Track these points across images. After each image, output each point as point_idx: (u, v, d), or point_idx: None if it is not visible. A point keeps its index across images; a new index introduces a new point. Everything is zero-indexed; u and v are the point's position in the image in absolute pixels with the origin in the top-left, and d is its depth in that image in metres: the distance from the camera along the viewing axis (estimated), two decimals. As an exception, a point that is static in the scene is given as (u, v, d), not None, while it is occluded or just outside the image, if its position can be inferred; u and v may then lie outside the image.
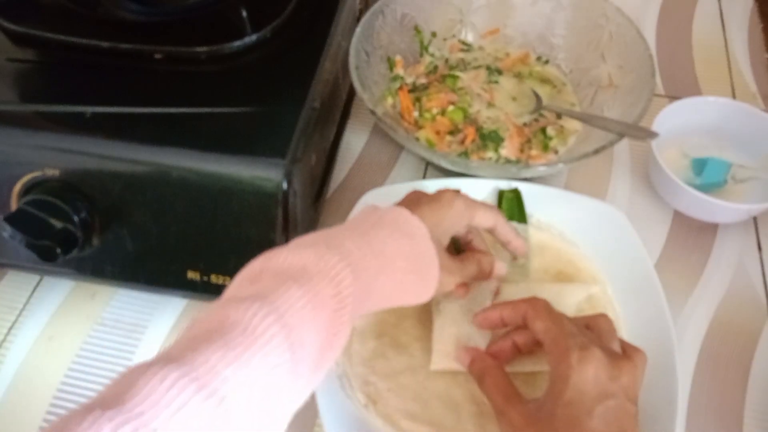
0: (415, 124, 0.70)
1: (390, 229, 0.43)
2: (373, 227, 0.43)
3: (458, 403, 0.50)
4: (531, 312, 0.45)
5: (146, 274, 0.54)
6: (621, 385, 0.41)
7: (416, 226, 0.45)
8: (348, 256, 0.39)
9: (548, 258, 0.59)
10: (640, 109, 0.62)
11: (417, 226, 0.45)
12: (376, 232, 0.42)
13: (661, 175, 0.63)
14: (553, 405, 0.41)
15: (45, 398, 0.55)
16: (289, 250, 0.39)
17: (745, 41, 0.85)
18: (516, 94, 0.73)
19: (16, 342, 0.58)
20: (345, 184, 0.69)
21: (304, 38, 0.61)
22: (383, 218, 0.44)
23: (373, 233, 0.42)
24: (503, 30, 0.78)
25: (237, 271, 0.52)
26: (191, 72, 0.57)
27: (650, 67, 0.65)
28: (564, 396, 0.40)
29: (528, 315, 0.45)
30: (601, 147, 0.59)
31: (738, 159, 0.67)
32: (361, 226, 0.43)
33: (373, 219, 0.44)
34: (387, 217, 0.44)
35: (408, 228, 0.44)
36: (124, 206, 0.52)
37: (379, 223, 0.43)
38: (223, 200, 0.50)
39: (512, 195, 0.61)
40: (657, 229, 0.65)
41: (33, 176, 0.51)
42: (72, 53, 0.58)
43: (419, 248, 0.44)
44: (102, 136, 0.51)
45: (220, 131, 0.52)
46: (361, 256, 0.40)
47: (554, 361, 0.42)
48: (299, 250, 0.39)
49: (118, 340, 0.58)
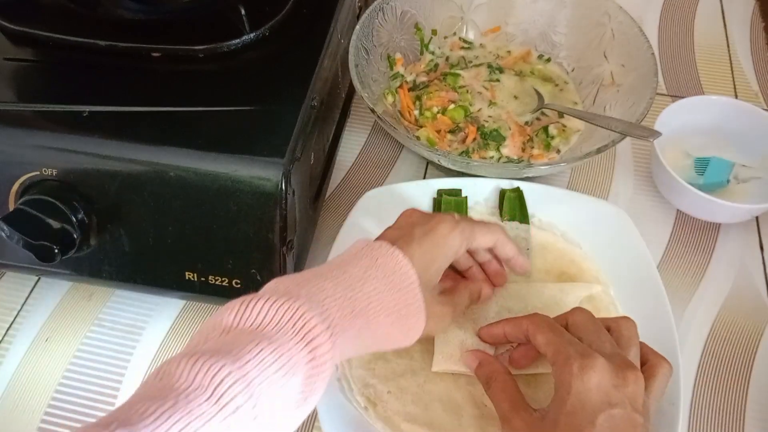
0: (415, 122, 0.70)
1: (378, 280, 0.42)
2: (360, 280, 0.41)
3: (459, 405, 0.50)
4: (532, 327, 0.45)
5: (144, 275, 0.54)
6: (626, 394, 0.40)
7: (406, 276, 0.43)
8: (328, 317, 0.38)
9: (550, 258, 0.58)
10: (643, 108, 0.62)
11: (407, 275, 0.43)
12: (362, 286, 0.41)
13: (664, 174, 0.63)
14: (556, 414, 0.40)
15: (42, 399, 0.54)
16: (267, 301, 0.37)
17: (747, 40, 0.84)
18: (517, 93, 0.73)
19: (14, 343, 0.58)
20: (344, 184, 0.69)
21: (303, 36, 0.61)
22: (373, 266, 0.42)
23: (359, 287, 0.41)
24: (504, 28, 0.78)
25: (235, 272, 0.52)
26: (189, 71, 0.57)
27: (652, 66, 0.65)
28: (566, 404, 0.40)
29: (529, 330, 0.45)
30: (604, 146, 0.59)
31: (740, 158, 0.66)
32: (347, 273, 0.41)
33: (363, 264, 0.42)
34: (378, 264, 0.42)
35: (397, 279, 0.42)
36: (121, 206, 0.51)
37: (366, 274, 0.42)
38: (221, 200, 0.49)
39: (514, 194, 0.61)
40: (659, 229, 0.65)
41: (31, 176, 0.51)
42: (70, 52, 0.58)
43: (406, 300, 0.43)
44: (100, 135, 0.51)
45: (218, 130, 0.51)
46: (342, 316, 0.39)
47: (557, 371, 0.42)
48: (278, 302, 0.37)
49: (116, 341, 0.58)
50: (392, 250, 0.43)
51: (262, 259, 0.51)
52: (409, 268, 0.43)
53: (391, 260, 0.43)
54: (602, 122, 0.64)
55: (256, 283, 0.52)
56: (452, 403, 0.49)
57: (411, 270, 0.43)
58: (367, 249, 0.43)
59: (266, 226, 0.50)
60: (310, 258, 0.61)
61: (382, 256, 0.43)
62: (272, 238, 0.50)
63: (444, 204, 0.60)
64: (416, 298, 0.43)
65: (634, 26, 0.69)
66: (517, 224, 0.60)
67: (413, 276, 0.43)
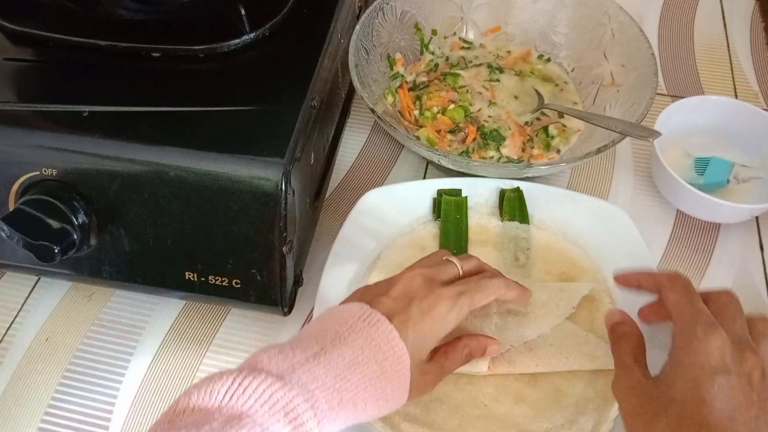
0: (415, 122, 0.70)
1: (369, 366, 0.41)
2: (351, 366, 0.40)
3: (459, 405, 0.50)
4: (667, 284, 0.45)
5: (144, 275, 0.54)
6: (744, 369, 0.40)
7: (399, 360, 0.42)
8: (318, 408, 0.38)
9: (550, 258, 0.58)
10: (643, 108, 0.62)
11: (400, 359, 0.42)
12: (352, 375, 0.40)
13: (664, 174, 0.63)
14: (673, 370, 0.41)
15: (42, 399, 0.54)
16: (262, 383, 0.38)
17: (747, 40, 0.84)
18: (517, 93, 0.73)
19: (14, 343, 0.57)
20: (344, 184, 0.69)
21: (303, 36, 0.61)
22: (368, 347, 0.42)
23: (349, 376, 0.40)
24: (504, 28, 0.78)
25: (235, 271, 0.52)
26: (189, 71, 0.57)
27: (652, 66, 0.65)
28: (685, 362, 0.40)
29: (664, 286, 0.45)
30: (604, 146, 0.59)
31: (740, 158, 0.66)
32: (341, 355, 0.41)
33: (359, 344, 0.41)
34: (372, 345, 0.42)
35: (389, 364, 0.42)
36: (121, 206, 0.51)
37: (359, 359, 0.41)
38: (221, 200, 0.49)
39: (514, 194, 0.61)
40: (660, 229, 0.65)
41: (31, 176, 0.51)
42: (70, 52, 0.58)
43: (394, 385, 0.42)
44: (100, 135, 0.50)
45: (218, 130, 0.51)
46: (330, 408, 0.39)
47: (678, 332, 0.42)
48: (272, 387, 0.38)
49: (116, 341, 0.58)
50: (389, 332, 0.42)
51: (261, 259, 0.51)
52: (403, 353, 0.42)
53: (386, 343, 0.42)
54: (602, 122, 0.64)
55: (255, 282, 0.52)
56: (453, 404, 0.49)
57: (405, 355, 0.43)
58: (364, 325, 0.42)
59: (266, 226, 0.50)
60: (311, 258, 0.61)
61: (378, 337, 0.42)
62: (272, 238, 0.50)
63: (444, 204, 0.61)
64: (405, 380, 0.43)
65: (634, 26, 0.69)
66: (517, 224, 0.60)
67: (406, 361, 0.43)
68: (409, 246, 0.59)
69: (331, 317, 0.44)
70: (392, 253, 0.59)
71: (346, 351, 0.41)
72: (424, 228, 0.61)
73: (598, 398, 0.51)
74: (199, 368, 0.56)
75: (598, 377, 0.51)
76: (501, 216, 0.61)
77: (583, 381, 0.51)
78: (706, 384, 0.39)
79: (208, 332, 0.58)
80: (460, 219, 0.60)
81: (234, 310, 0.59)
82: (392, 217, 0.60)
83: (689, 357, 0.40)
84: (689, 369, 0.40)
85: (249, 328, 0.58)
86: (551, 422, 0.50)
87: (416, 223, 0.61)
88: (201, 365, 0.56)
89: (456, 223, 0.60)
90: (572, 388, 0.51)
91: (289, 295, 0.54)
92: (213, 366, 0.56)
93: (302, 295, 0.58)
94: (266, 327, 0.58)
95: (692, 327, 0.41)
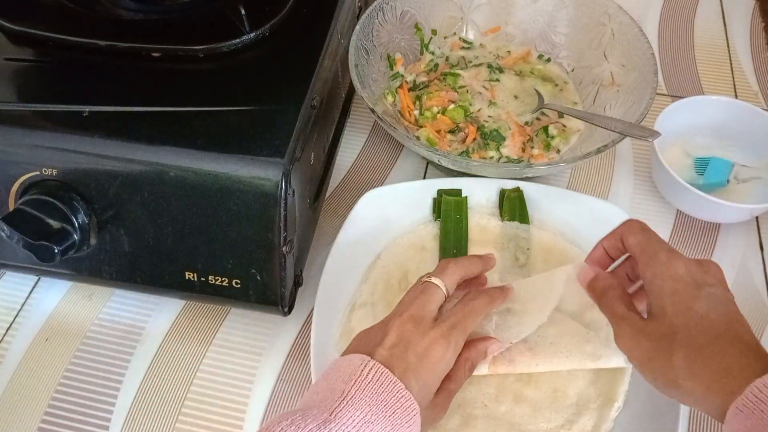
0: (415, 122, 0.70)
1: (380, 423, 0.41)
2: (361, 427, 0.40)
3: (460, 405, 0.50)
4: (625, 231, 0.47)
5: (143, 275, 0.54)
6: (714, 276, 0.42)
7: (408, 411, 0.42)
8: None
9: (550, 258, 0.58)
10: (643, 108, 0.62)
11: (409, 410, 0.42)
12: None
13: (664, 174, 0.63)
14: (659, 303, 0.42)
15: (43, 399, 0.54)
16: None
17: (747, 40, 0.85)
18: (517, 93, 0.73)
19: (14, 343, 0.58)
20: (344, 184, 0.69)
21: (303, 36, 0.61)
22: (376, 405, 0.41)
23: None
24: (504, 28, 0.78)
25: (235, 271, 0.52)
26: (189, 71, 0.57)
27: (652, 66, 0.65)
28: (665, 289, 0.42)
29: (623, 234, 0.47)
30: (604, 146, 0.59)
31: (740, 158, 0.66)
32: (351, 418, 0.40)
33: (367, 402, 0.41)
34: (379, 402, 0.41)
35: (398, 416, 0.41)
36: (121, 206, 0.51)
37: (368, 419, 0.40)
38: (221, 200, 0.49)
39: (514, 194, 0.61)
40: (659, 229, 0.64)
41: (31, 176, 0.51)
42: (70, 52, 0.58)
43: None
44: (100, 135, 0.51)
45: (218, 130, 0.51)
46: None
47: (645, 267, 0.44)
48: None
49: (116, 341, 0.58)
50: (394, 385, 0.42)
51: (262, 259, 0.51)
52: (411, 403, 0.42)
53: (392, 396, 0.42)
54: (601, 122, 0.64)
55: (255, 282, 0.52)
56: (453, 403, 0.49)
57: (413, 404, 0.42)
58: (369, 381, 0.42)
59: (266, 226, 0.50)
60: (310, 258, 0.61)
61: (384, 392, 0.42)
62: (272, 238, 0.50)
63: (444, 204, 0.61)
64: (416, 427, 0.43)
65: (634, 26, 0.69)
66: (517, 224, 0.60)
67: (415, 410, 0.42)
68: (409, 246, 0.60)
69: (337, 372, 0.43)
70: (392, 253, 0.59)
71: (355, 413, 0.40)
72: (424, 228, 0.61)
73: (599, 398, 0.51)
74: (199, 368, 0.56)
75: (598, 377, 0.52)
76: (501, 216, 0.61)
77: (583, 380, 0.51)
78: (695, 302, 0.41)
79: (208, 332, 0.58)
80: (460, 219, 0.60)
81: (234, 310, 0.59)
82: (392, 217, 0.60)
83: (667, 285, 0.42)
84: (674, 296, 0.41)
85: (249, 328, 0.58)
86: (551, 422, 0.50)
87: (416, 223, 0.61)
88: (201, 365, 0.56)
89: (456, 223, 0.60)
90: (572, 387, 0.51)
91: (289, 295, 0.54)
92: (213, 366, 0.56)
93: (302, 295, 0.58)
94: (266, 327, 0.58)
95: (655, 258, 0.43)
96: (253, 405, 0.54)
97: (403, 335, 0.45)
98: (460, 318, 0.47)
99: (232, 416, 0.54)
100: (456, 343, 0.46)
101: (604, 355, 0.51)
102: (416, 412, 0.42)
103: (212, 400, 0.54)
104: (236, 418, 0.53)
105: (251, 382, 0.55)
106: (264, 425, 0.40)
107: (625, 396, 0.51)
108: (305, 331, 0.58)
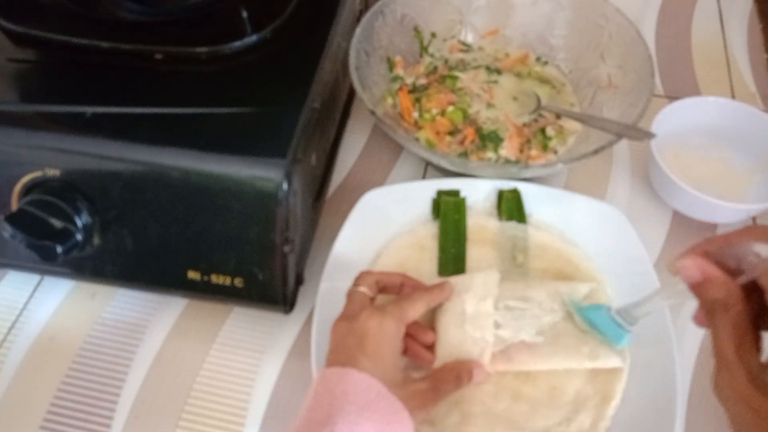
0: (414, 124, 0.70)
1: (358, 414, 0.41)
2: None
3: (458, 402, 0.50)
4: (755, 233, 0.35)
5: (146, 274, 0.54)
6: None
7: (369, 389, 0.43)
8: None
9: (547, 258, 0.59)
10: (640, 110, 0.62)
11: (370, 387, 0.43)
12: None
13: (661, 175, 0.63)
14: None
15: (45, 398, 0.55)
16: None
17: (745, 41, 0.85)
18: (516, 95, 0.73)
19: (17, 342, 0.58)
20: (345, 184, 0.69)
21: (304, 39, 0.61)
22: (340, 394, 0.42)
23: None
24: (503, 30, 0.78)
25: (237, 271, 0.52)
26: (192, 72, 0.57)
27: (649, 68, 0.65)
28: None
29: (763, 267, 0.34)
30: (601, 147, 0.60)
31: (737, 159, 0.67)
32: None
33: (343, 403, 0.41)
34: (337, 392, 0.42)
35: (363, 397, 0.42)
36: (124, 206, 0.52)
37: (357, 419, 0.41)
38: (224, 200, 0.50)
39: (512, 195, 0.61)
40: (656, 229, 0.65)
41: (33, 176, 0.51)
42: (72, 53, 0.58)
43: (385, 410, 0.43)
44: (102, 136, 0.51)
45: (220, 131, 0.52)
46: None
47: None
48: None
49: (119, 340, 0.58)
50: (350, 376, 0.43)
51: (264, 259, 0.52)
52: (371, 381, 0.43)
53: (350, 385, 0.42)
54: (598, 123, 0.65)
55: (257, 282, 0.53)
56: (451, 400, 0.50)
57: (373, 381, 0.43)
58: (326, 384, 0.43)
59: (268, 226, 0.50)
60: (312, 257, 0.61)
61: (342, 383, 0.43)
62: (274, 238, 0.51)
63: (443, 204, 0.61)
64: (393, 403, 0.43)
65: (631, 28, 0.69)
66: (514, 224, 0.61)
67: (377, 386, 0.43)
68: (408, 246, 0.60)
69: (308, 401, 0.44)
70: (392, 253, 0.59)
71: (348, 418, 0.41)
72: (423, 228, 0.61)
73: (596, 396, 0.51)
74: (203, 366, 0.56)
75: (596, 375, 0.52)
76: (499, 216, 0.62)
77: (581, 378, 0.52)
78: None
79: (210, 331, 0.58)
80: (459, 219, 0.61)
81: (236, 308, 0.60)
82: (392, 217, 0.61)
83: None
84: None
85: (251, 327, 0.59)
86: (549, 419, 0.50)
87: (416, 223, 0.62)
88: (204, 363, 0.57)
89: (455, 223, 0.60)
90: (570, 385, 0.52)
91: (290, 294, 0.54)
92: (216, 364, 0.57)
93: (303, 294, 0.58)
94: (268, 325, 0.59)
95: None
96: (255, 402, 0.55)
97: (340, 333, 0.47)
98: (393, 302, 0.49)
99: (234, 413, 0.54)
100: (392, 314, 0.47)
101: (602, 354, 0.51)
102: (378, 388, 0.43)
103: (214, 397, 0.55)
104: (238, 415, 0.54)
105: (253, 379, 0.56)
106: None
107: (623, 394, 0.51)
108: (306, 330, 0.58)
